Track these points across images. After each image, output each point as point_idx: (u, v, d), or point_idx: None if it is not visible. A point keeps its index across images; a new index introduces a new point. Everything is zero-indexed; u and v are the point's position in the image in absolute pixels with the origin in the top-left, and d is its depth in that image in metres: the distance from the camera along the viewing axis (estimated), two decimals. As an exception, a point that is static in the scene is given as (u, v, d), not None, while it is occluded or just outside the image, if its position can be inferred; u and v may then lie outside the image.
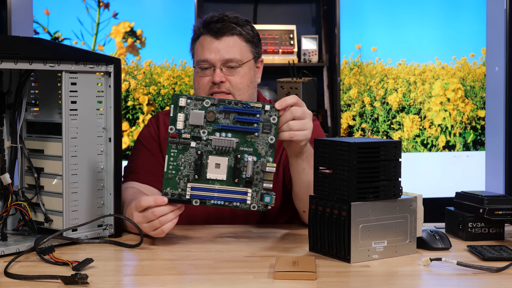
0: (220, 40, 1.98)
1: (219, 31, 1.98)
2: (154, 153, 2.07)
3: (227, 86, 1.98)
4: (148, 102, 4.39)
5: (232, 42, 1.99)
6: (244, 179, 1.64)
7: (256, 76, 2.06)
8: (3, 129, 1.74)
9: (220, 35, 1.98)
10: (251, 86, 2.03)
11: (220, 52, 1.98)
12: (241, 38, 2.01)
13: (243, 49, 2.01)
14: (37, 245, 1.55)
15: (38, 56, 1.61)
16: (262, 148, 1.65)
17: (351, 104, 4.49)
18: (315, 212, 1.61)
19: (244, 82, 2.00)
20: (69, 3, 4.27)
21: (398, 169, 1.59)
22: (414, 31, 4.50)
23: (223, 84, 1.98)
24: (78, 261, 1.47)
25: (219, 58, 1.98)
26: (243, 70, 2.00)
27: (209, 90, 1.99)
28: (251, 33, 2.03)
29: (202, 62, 1.99)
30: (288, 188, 2.01)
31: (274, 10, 4.64)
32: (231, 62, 1.98)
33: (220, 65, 1.98)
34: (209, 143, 1.64)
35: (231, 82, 1.98)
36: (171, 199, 1.65)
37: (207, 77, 1.99)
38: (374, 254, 1.56)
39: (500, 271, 1.47)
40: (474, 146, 4.58)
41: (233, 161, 1.64)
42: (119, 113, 1.77)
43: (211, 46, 1.98)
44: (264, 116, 1.64)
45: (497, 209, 1.73)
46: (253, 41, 2.03)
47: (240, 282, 1.40)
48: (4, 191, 1.71)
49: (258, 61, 2.08)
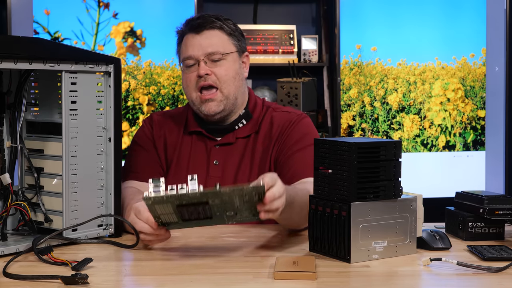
0: (201, 35, 2.02)
1: (199, 25, 2.03)
2: (150, 152, 2.10)
3: (213, 78, 2.01)
4: (148, 102, 4.39)
5: (213, 35, 2.03)
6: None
7: (242, 69, 2.08)
8: (3, 129, 1.74)
9: (201, 29, 2.02)
10: (237, 79, 2.05)
11: (202, 46, 2.01)
12: (221, 31, 2.04)
13: (224, 42, 2.04)
14: (35, 245, 1.54)
15: (38, 56, 1.61)
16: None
17: (351, 104, 4.49)
18: (315, 212, 1.61)
19: (230, 74, 2.02)
20: (69, 3, 4.27)
21: (398, 169, 1.59)
22: (414, 31, 4.49)
23: (208, 76, 2.01)
24: (77, 261, 1.46)
25: (202, 52, 2.01)
26: (227, 62, 2.02)
27: (196, 85, 2.02)
28: (232, 27, 2.07)
29: (187, 59, 2.03)
30: None
31: (274, 10, 4.64)
32: (214, 55, 2.01)
33: (204, 58, 2.01)
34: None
35: (216, 74, 2.01)
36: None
37: (193, 73, 2.02)
38: (374, 254, 1.56)
39: (500, 271, 1.47)
40: (474, 146, 4.58)
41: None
42: (119, 113, 1.77)
43: (193, 42, 2.02)
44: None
45: (497, 209, 1.73)
46: (234, 35, 2.06)
47: (240, 282, 1.40)
48: (4, 191, 1.71)
49: (243, 55, 2.10)
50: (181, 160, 2.08)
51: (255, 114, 2.10)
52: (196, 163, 2.07)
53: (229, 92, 2.02)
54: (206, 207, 1.52)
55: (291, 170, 1.98)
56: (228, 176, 2.04)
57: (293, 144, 2.03)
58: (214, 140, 2.08)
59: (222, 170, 2.05)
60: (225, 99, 2.02)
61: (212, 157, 2.07)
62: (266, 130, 2.08)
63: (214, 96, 2.01)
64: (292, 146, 2.03)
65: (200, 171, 2.05)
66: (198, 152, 2.08)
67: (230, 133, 2.08)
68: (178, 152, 2.09)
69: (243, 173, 2.04)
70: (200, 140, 2.09)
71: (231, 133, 2.08)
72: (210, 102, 2.02)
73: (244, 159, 2.05)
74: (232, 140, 2.07)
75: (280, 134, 2.06)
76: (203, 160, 2.07)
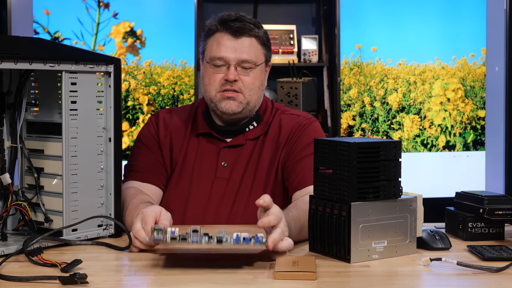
0: (238, 40, 2.00)
1: (238, 30, 2.00)
2: (154, 152, 2.08)
3: (239, 85, 1.99)
4: (148, 102, 4.39)
5: (250, 43, 2.01)
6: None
7: (265, 79, 2.08)
8: (3, 129, 1.74)
9: (239, 34, 2.00)
10: (261, 89, 2.05)
11: (237, 52, 1.99)
12: (257, 40, 2.02)
13: (258, 51, 2.02)
14: (26, 246, 1.53)
15: (38, 56, 1.61)
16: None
17: (351, 104, 4.49)
18: (315, 212, 1.61)
19: (256, 83, 2.02)
20: (69, 3, 4.27)
21: (398, 169, 1.59)
22: (414, 31, 4.50)
23: (236, 82, 1.99)
24: (67, 263, 1.45)
25: (235, 57, 1.98)
26: (256, 71, 2.01)
27: (220, 87, 2.00)
28: (266, 36, 2.06)
29: (218, 59, 2.00)
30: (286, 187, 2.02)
31: (274, 10, 4.64)
32: (246, 63, 1.99)
33: (235, 64, 1.99)
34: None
35: (244, 82, 2.00)
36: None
37: (220, 74, 2.00)
38: (374, 254, 1.56)
39: (500, 271, 1.47)
40: (474, 146, 4.58)
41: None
42: (119, 113, 1.77)
43: (228, 44, 1.99)
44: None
45: (497, 209, 1.73)
46: (267, 45, 2.06)
47: (240, 282, 1.40)
48: (4, 191, 1.71)
49: (268, 64, 2.09)
50: (186, 161, 2.07)
51: (265, 116, 2.09)
52: (202, 164, 2.06)
53: (251, 99, 2.01)
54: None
55: (299, 177, 1.97)
56: (235, 177, 2.03)
57: (302, 149, 2.02)
58: (224, 142, 2.07)
59: (230, 172, 2.04)
60: (246, 104, 2.01)
61: (221, 159, 2.05)
62: (274, 133, 2.07)
63: (237, 96, 2.00)
64: (301, 151, 2.02)
65: (206, 173, 2.04)
66: (206, 153, 2.07)
67: (241, 135, 2.07)
68: (184, 153, 2.07)
69: (249, 175, 2.03)
70: (208, 142, 2.08)
71: (241, 135, 2.07)
72: (231, 101, 2.00)
73: (251, 160, 2.05)
74: (242, 141, 2.06)
75: (288, 138, 2.05)
76: (211, 162, 2.06)
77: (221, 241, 1.44)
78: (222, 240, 1.45)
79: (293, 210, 1.74)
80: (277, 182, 2.03)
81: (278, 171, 2.03)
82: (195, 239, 1.45)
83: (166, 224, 1.61)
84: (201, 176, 2.05)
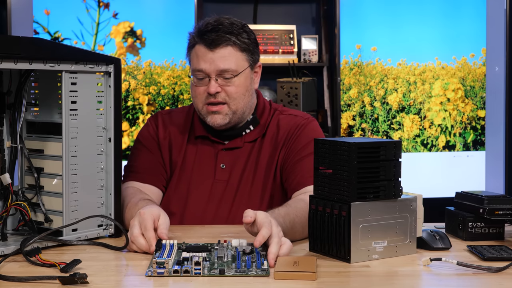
0: (214, 52, 1.96)
1: (213, 42, 1.96)
2: (154, 153, 2.08)
3: (222, 96, 1.98)
4: (148, 102, 4.39)
5: (227, 53, 1.97)
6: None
7: (252, 83, 2.04)
8: (3, 129, 1.74)
9: (214, 46, 1.96)
10: (247, 95, 2.02)
11: (214, 63, 1.96)
12: (235, 48, 1.98)
13: (238, 59, 1.98)
14: (23, 246, 1.53)
15: (38, 56, 1.61)
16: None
17: (351, 104, 4.49)
18: (315, 212, 1.61)
19: (240, 91, 1.99)
20: (69, 3, 4.27)
21: (398, 169, 1.59)
22: (414, 31, 4.50)
23: (218, 94, 1.98)
24: (66, 263, 1.45)
25: (213, 69, 1.96)
26: (239, 80, 1.99)
27: (205, 100, 1.99)
28: (246, 41, 2.00)
29: (198, 72, 1.98)
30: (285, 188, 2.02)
31: (274, 10, 4.63)
32: (226, 73, 1.97)
33: (215, 75, 1.97)
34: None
35: (227, 92, 1.98)
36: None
37: (203, 87, 1.99)
38: (374, 254, 1.56)
39: (500, 271, 1.47)
40: (474, 146, 4.58)
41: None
42: (119, 113, 1.77)
43: (206, 57, 1.97)
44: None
45: (497, 209, 1.73)
46: (248, 49, 2.01)
47: (240, 282, 1.40)
48: (4, 191, 1.71)
49: (256, 66, 2.05)
50: (186, 163, 2.06)
51: (263, 119, 2.08)
52: (201, 166, 2.06)
53: (237, 107, 2.00)
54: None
55: (298, 177, 1.97)
56: (233, 179, 2.03)
57: (301, 149, 2.01)
58: (222, 144, 2.07)
59: (229, 174, 2.04)
60: (232, 113, 2.00)
61: (219, 161, 2.05)
62: (272, 134, 2.07)
63: (221, 109, 1.98)
64: (299, 151, 2.01)
65: (205, 174, 2.04)
66: (205, 155, 2.07)
67: (238, 138, 2.07)
68: (184, 154, 2.07)
69: (248, 176, 2.03)
70: (206, 144, 2.07)
71: (239, 138, 2.06)
72: (216, 115, 1.99)
73: (249, 162, 2.04)
74: (240, 144, 2.06)
75: (287, 139, 2.05)
76: (210, 164, 2.06)
77: (224, 272, 1.44)
78: (224, 271, 1.44)
79: (281, 208, 1.76)
80: (275, 183, 2.03)
81: (277, 172, 2.03)
82: (197, 271, 1.44)
83: (164, 233, 1.61)
84: (200, 178, 2.05)
